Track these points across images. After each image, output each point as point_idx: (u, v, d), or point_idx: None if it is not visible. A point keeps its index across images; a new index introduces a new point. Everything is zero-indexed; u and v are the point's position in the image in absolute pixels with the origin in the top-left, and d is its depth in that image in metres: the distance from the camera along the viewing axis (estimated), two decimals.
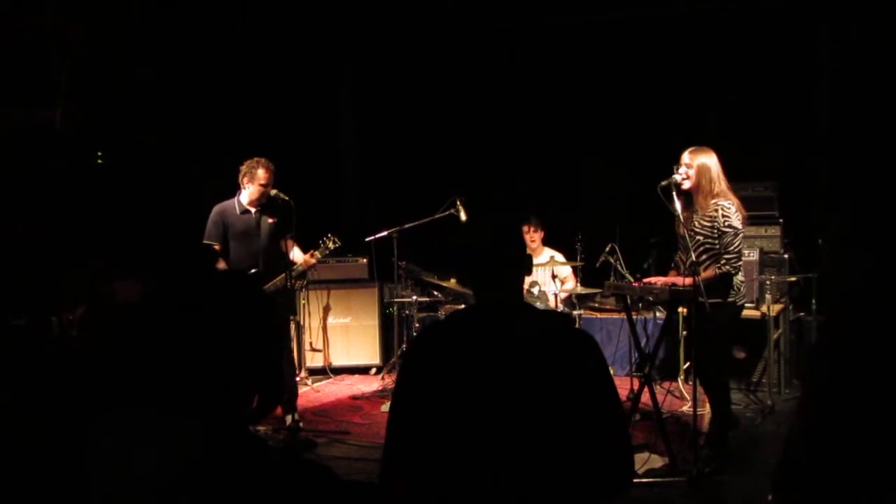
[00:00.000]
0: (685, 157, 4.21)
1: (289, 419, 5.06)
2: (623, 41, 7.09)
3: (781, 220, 6.02)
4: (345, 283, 7.00)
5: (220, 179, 5.33)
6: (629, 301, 4.84)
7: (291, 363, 5.54)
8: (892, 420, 0.98)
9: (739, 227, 4.13)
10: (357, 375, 6.92)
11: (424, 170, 7.57)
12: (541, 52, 7.44)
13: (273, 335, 1.30)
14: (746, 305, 4.50)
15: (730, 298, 4.16)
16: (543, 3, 7.14)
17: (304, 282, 5.46)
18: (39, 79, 5.41)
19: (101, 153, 5.92)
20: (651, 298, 4.65)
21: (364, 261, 6.93)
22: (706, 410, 4.82)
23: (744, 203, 4.30)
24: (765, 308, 5.51)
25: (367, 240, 6.16)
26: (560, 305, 6.10)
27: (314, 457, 4.57)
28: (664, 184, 4.18)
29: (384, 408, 5.64)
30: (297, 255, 5.24)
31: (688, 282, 4.00)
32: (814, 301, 5.83)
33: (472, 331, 1.91)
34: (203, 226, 5.11)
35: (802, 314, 6.03)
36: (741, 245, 4.17)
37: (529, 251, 6.33)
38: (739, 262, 4.16)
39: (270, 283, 4.95)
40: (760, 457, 4.39)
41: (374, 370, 6.96)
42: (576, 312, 6.14)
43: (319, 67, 7.76)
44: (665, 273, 4.61)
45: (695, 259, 4.04)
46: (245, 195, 5.02)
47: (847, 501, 0.99)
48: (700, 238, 4.18)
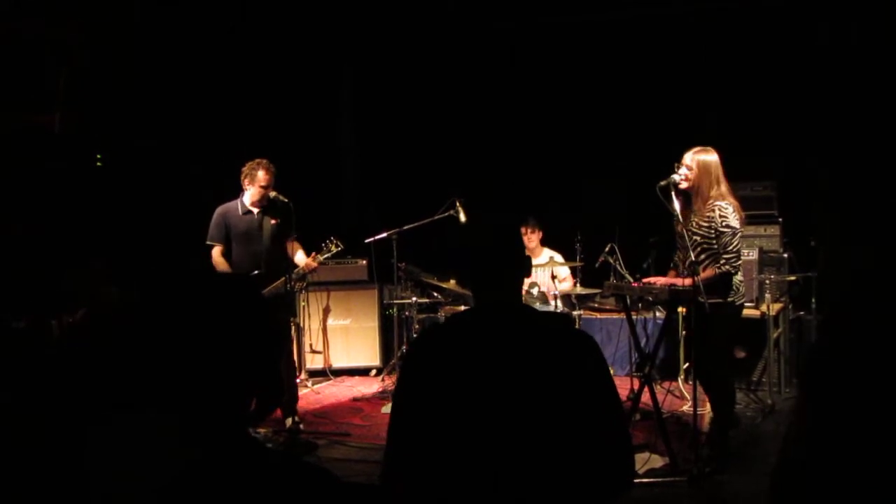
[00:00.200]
0: (687, 158, 4.21)
1: (289, 421, 5.06)
2: (623, 41, 7.08)
3: (781, 220, 6.02)
4: (344, 285, 7.00)
5: (221, 181, 5.33)
6: (629, 301, 4.84)
7: (292, 365, 5.54)
8: (891, 420, 0.98)
9: (737, 227, 4.13)
10: (357, 377, 6.92)
11: (424, 171, 7.56)
12: (541, 53, 7.44)
13: (271, 338, 1.30)
14: (746, 305, 4.50)
15: (729, 298, 4.16)
16: (543, 3, 7.14)
17: (304, 284, 5.46)
18: (38, 82, 5.41)
19: (100, 156, 5.93)
20: (651, 298, 4.65)
21: (364, 262, 6.93)
22: (706, 410, 4.82)
23: (743, 202, 4.31)
24: (764, 307, 5.51)
25: (367, 241, 6.16)
26: (560, 306, 6.10)
27: (314, 459, 4.57)
28: (663, 184, 4.18)
29: (384, 409, 5.64)
30: (301, 258, 5.23)
31: (687, 282, 4.01)
32: (813, 300, 5.83)
33: (472, 332, 1.92)
34: (201, 227, 5.10)
35: (802, 313, 6.02)
36: (740, 244, 4.18)
37: (528, 252, 6.38)
38: (739, 262, 4.16)
39: (271, 287, 4.94)
40: (761, 456, 4.39)
41: (375, 372, 6.96)
42: (575, 313, 6.15)
43: (319, 68, 7.75)
44: (664, 273, 4.61)
45: (694, 259, 4.05)
46: (247, 196, 5.02)
47: (846, 502, 0.99)
48: (698, 238, 4.19)
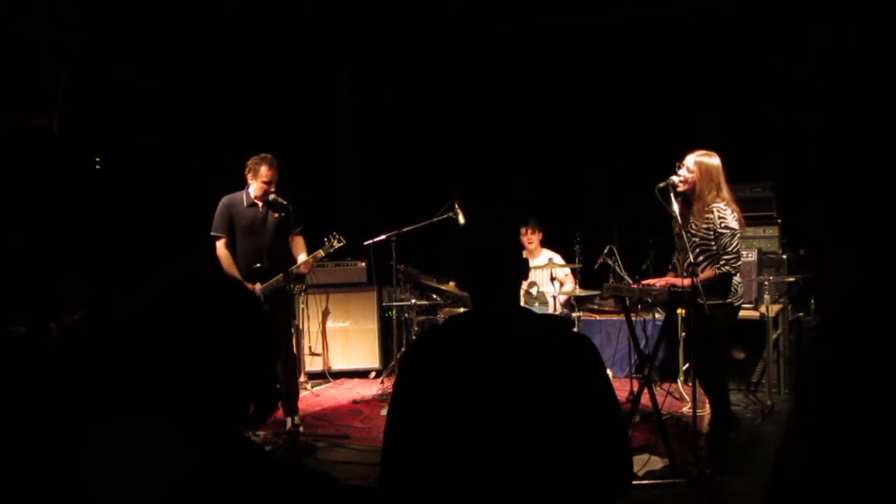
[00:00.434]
0: (688, 160, 4.21)
1: (289, 422, 5.04)
2: (623, 41, 7.08)
3: (779, 221, 6.02)
4: (343, 287, 7.00)
5: (221, 181, 5.32)
6: (628, 303, 4.84)
7: (293, 364, 5.48)
8: (889, 421, 0.98)
9: (736, 228, 4.14)
10: (356, 379, 6.92)
11: (423, 172, 7.56)
12: (541, 53, 7.43)
13: (268, 342, 1.30)
14: (745, 306, 4.50)
15: (728, 299, 4.16)
16: (543, 3, 7.14)
17: (303, 286, 5.46)
18: (37, 84, 5.41)
19: (99, 158, 5.92)
20: (650, 300, 4.65)
21: (363, 264, 6.93)
22: (706, 411, 4.81)
23: (742, 204, 4.31)
24: (763, 308, 5.51)
25: (366, 243, 6.16)
26: (559, 307, 6.10)
27: (314, 461, 4.56)
28: (662, 185, 4.18)
29: (384, 411, 5.63)
30: (302, 258, 5.17)
31: (686, 282, 4.01)
32: (812, 301, 5.83)
33: (470, 335, 1.92)
34: (201, 229, 5.09)
35: (801, 314, 6.03)
36: (739, 246, 4.18)
37: (527, 253, 6.39)
38: (739, 263, 4.18)
39: (270, 281, 4.93)
40: (760, 457, 4.39)
41: (374, 374, 6.95)
42: (575, 314, 6.14)
43: (317, 69, 7.76)
44: (663, 274, 4.61)
45: (693, 260, 4.05)
46: (251, 190, 5.01)
47: (844, 502, 0.99)
48: (696, 240, 4.20)
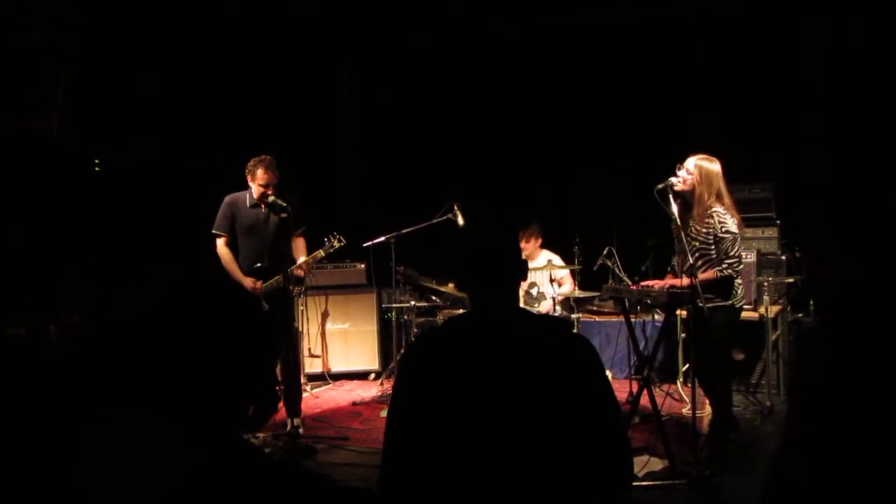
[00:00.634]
0: (689, 163, 4.23)
1: (289, 424, 5.03)
2: (623, 41, 7.08)
3: (779, 222, 6.02)
4: (343, 289, 6.99)
5: (220, 183, 5.32)
6: (627, 304, 4.84)
7: (295, 364, 5.46)
8: (888, 422, 0.98)
9: (737, 232, 4.18)
10: (356, 381, 6.91)
11: (422, 174, 7.56)
12: (541, 53, 7.43)
13: (267, 344, 1.30)
14: (745, 308, 4.50)
15: (729, 301, 4.17)
16: (543, 3, 7.13)
17: (303, 288, 5.46)
18: (36, 85, 5.41)
19: (98, 160, 5.92)
20: (649, 301, 4.65)
21: (362, 266, 6.93)
22: (706, 412, 4.81)
23: (741, 205, 4.33)
24: (763, 309, 5.51)
25: (365, 245, 6.16)
26: (558, 308, 6.10)
27: (313, 463, 4.56)
28: (660, 187, 4.19)
29: (384, 413, 5.63)
30: (301, 257, 5.18)
31: (685, 283, 4.01)
32: (812, 302, 5.83)
33: (470, 336, 1.92)
34: (201, 228, 5.09)
35: (801, 315, 6.03)
36: (740, 249, 4.21)
37: (525, 254, 6.38)
38: (741, 266, 4.22)
39: (270, 282, 4.93)
40: (760, 458, 4.39)
41: (373, 375, 6.95)
42: (574, 315, 6.14)
43: (317, 70, 7.75)
44: (663, 275, 4.62)
45: (692, 263, 4.06)
46: (252, 191, 5.01)
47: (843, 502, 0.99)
48: (696, 244, 4.22)
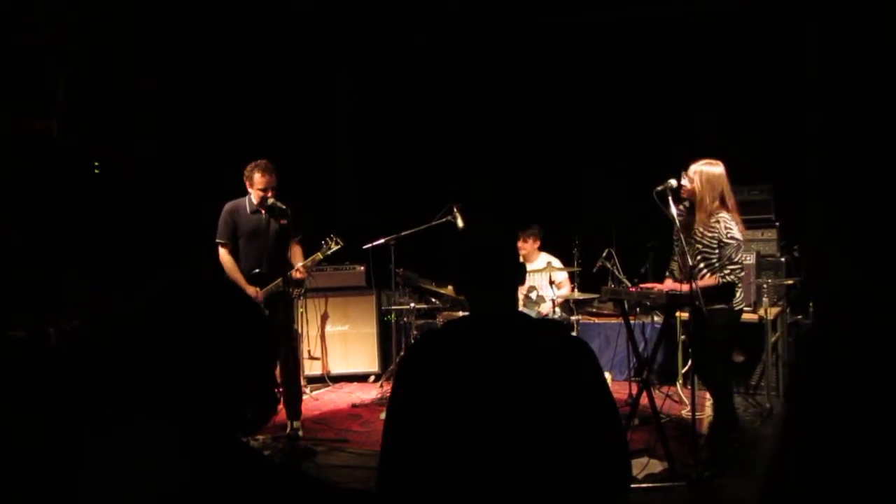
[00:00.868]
0: (691, 168, 4.26)
1: (288, 426, 5.03)
2: (623, 41, 7.07)
3: (778, 224, 6.02)
4: (342, 291, 6.99)
5: (220, 183, 5.32)
6: (627, 306, 4.84)
7: (295, 367, 5.46)
8: (887, 423, 0.98)
9: (741, 239, 4.22)
10: (356, 383, 6.91)
11: (422, 176, 7.56)
12: (541, 53, 7.43)
13: (266, 346, 1.30)
14: (745, 310, 4.51)
15: (729, 303, 4.19)
16: (543, 3, 7.13)
17: (302, 290, 5.46)
18: (36, 87, 5.41)
19: (98, 162, 5.92)
20: (648, 303, 4.65)
21: (361, 268, 6.93)
22: (705, 414, 4.81)
23: (740, 207, 4.35)
24: (762, 311, 5.51)
25: (365, 247, 6.16)
26: (558, 310, 6.10)
27: (313, 465, 4.56)
28: (660, 189, 4.19)
29: (383, 415, 5.61)
30: (297, 263, 5.19)
31: (685, 287, 4.02)
32: (811, 304, 5.83)
33: (468, 339, 1.92)
34: (201, 228, 5.09)
35: (800, 317, 6.03)
36: (743, 256, 4.24)
37: (522, 257, 6.37)
38: (742, 273, 4.25)
39: (270, 286, 4.93)
40: (760, 460, 4.38)
41: (373, 378, 6.95)
42: (574, 318, 6.14)
43: (317, 70, 7.76)
44: (662, 277, 4.62)
45: (692, 265, 4.07)
46: (251, 196, 5.01)
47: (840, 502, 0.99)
48: (699, 247, 4.23)
